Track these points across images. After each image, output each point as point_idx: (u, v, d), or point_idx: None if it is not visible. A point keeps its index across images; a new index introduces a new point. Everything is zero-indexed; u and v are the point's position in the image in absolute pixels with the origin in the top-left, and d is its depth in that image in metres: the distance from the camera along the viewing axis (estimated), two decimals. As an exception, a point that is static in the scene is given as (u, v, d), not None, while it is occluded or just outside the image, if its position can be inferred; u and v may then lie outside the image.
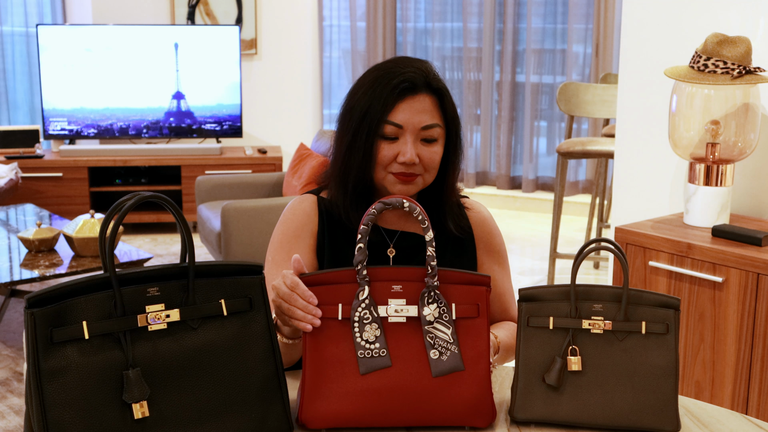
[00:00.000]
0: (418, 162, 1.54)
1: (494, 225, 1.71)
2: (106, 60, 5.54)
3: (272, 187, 4.93)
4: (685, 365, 2.44)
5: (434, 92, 1.56)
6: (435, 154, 1.56)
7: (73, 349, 1.14)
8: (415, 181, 1.56)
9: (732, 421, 1.38)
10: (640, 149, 2.95)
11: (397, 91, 1.52)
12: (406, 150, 1.52)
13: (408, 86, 1.53)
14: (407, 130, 1.53)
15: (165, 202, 1.21)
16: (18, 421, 3.10)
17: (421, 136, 1.54)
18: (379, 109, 1.52)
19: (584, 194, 6.36)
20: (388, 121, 1.53)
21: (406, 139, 1.53)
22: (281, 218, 1.65)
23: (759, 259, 2.26)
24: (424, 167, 1.56)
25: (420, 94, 1.54)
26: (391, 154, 1.54)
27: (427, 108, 1.54)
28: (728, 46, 2.37)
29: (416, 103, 1.53)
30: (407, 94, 1.53)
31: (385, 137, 1.54)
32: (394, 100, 1.52)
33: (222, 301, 1.25)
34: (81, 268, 3.58)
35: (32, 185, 5.40)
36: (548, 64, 6.46)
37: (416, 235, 1.61)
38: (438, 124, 1.55)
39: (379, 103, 1.53)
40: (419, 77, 1.54)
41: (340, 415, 1.29)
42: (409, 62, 1.57)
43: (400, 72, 1.54)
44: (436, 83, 1.56)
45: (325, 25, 6.73)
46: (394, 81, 1.53)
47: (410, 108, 1.53)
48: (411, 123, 1.53)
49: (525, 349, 1.35)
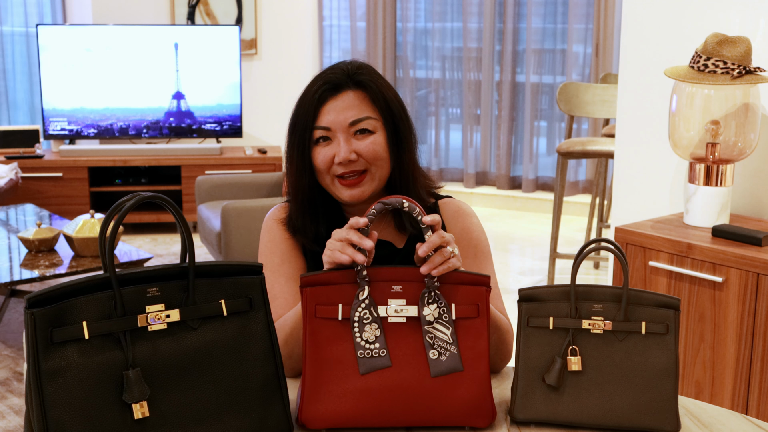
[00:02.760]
0: (355, 158, 1.54)
1: (471, 220, 1.67)
2: (106, 60, 5.54)
3: (272, 187, 4.93)
4: (685, 365, 2.44)
5: (358, 86, 1.56)
6: (374, 144, 1.56)
7: (73, 349, 1.14)
8: (363, 180, 1.56)
9: (732, 421, 1.38)
10: (640, 149, 2.95)
11: (317, 96, 1.54)
12: (339, 149, 1.54)
13: (328, 87, 1.55)
14: (337, 130, 1.54)
15: (165, 202, 1.21)
16: (18, 421, 3.10)
17: (353, 131, 1.55)
18: (304, 118, 1.55)
19: (584, 194, 6.36)
20: (316, 126, 1.55)
21: (338, 138, 1.54)
22: (265, 226, 1.66)
23: (759, 259, 2.26)
24: (367, 160, 1.55)
25: (343, 92, 1.55)
26: (327, 157, 1.55)
27: (352, 104, 1.55)
28: (728, 46, 2.37)
29: (339, 101, 1.55)
30: (328, 95, 1.55)
31: (318, 142, 1.56)
32: (317, 106, 1.55)
33: (222, 301, 1.25)
34: (81, 268, 3.58)
35: (32, 185, 5.40)
36: (548, 64, 6.46)
37: (392, 244, 1.61)
38: (368, 116, 1.56)
39: (304, 112, 1.55)
40: (339, 76, 1.56)
41: (340, 415, 1.29)
42: (332, 67, 1.59)
43: (321, 77, 1.56)
44: (358, 77, 1.56)
45: (325, 25, 6.73)
46: (314, 87, 1.56)
47: (334, 108, 1.54)
48: (337, 122, 1.54)
49: (525, 349, 1.35)
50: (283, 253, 1.61)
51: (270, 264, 1.61)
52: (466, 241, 1.64)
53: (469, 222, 1.66)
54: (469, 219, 1.67)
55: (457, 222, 1.66)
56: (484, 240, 1.67)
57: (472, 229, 1.66)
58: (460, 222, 1.66)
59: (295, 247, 1.62)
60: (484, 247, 1.66)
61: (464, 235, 1.64)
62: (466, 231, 1.65)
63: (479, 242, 1.65)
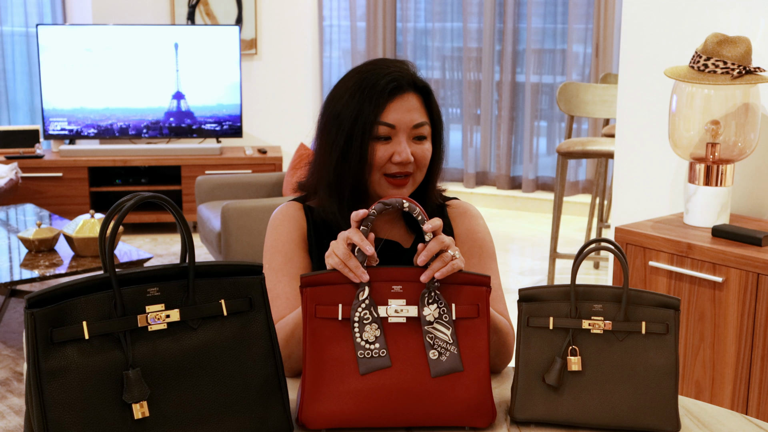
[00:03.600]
0: (412, 161, 1.55)
1: (477, 221, 1.67)
2: (106, 60, 5.54)
3: (272, 187, 4.93)
4: (685, 365, 2.44)
5: (419, 91, 1.57)
6: (427, 151, 1.57)
7: (73, 349, 1.14)
8: (407, 183, 1.57)
9: (732, 421, 1.38)
10: (640, 149, 2.95)
11: (386, 92, 1.53)
12: (401, 149, 1.53)
13: (396, 86, 1.54)
14: (400, 129, 1.54)
15: (165, 202, 1.21)
16: (18, 421, 3.10)
17: (413, 135, 1.55)
18: (370, 111, 1.53)
19: (584, 194, 6.36)
20: (381, 122, 1.53)
21: (400, 138, 1.54)
22: (270, 224, 1.65)
23: (759, 259, 2.26)
24: (417, 165, 1.56)
25: (407, 93, 1.55)
26: (386, 155, 1.54)
27: (415, 106, 1.55)
28: (728, 46, 2.37)
29: (405, 102, 1.54)
30: (396, 93, 1.54)
31: (379, 139, 1.54)
32: (385, 101, 1.53)
33: (222, 301, 1.25)
34: (81, 268, 3.58)
35: (32, 185, 5.40)
36: (548, 64, 6.46)
37: (399, 244, 1.61)
38: (426, 122, 1.57)
39: (369, 105, 1.53)
40: (405, 77, 1.55)
41: (340, 415, 1.29)
42: (391, 63, 1.58)
43: (385, 73, 1.55)
44: (420, 82, 1.57)
45: (325, 25, 6.73)
46: (382, 82, 1.54)
47: (400, 107, 1.54)
48: (403, 122, 1.54)
49: (525, 349, 1.35)
50: (287, 253, 1.61)
51: (274, 264, 1.61)
52: (471, 241, 1.65)
53: (476, 223, 1.67)
54: (476, 220, 1.67)
55: (463, 222, 1.66)
56: (490, 242, 1.67)
57: (478, 230, 1.66)
58: (466, 222, 1.66)
59: (299, 247, 1.62)
60: (490, 248, 1.66)
61: (470, 236, 1.65)
62: (472, 232, 1.65)
63: (484, 243, 1.66)
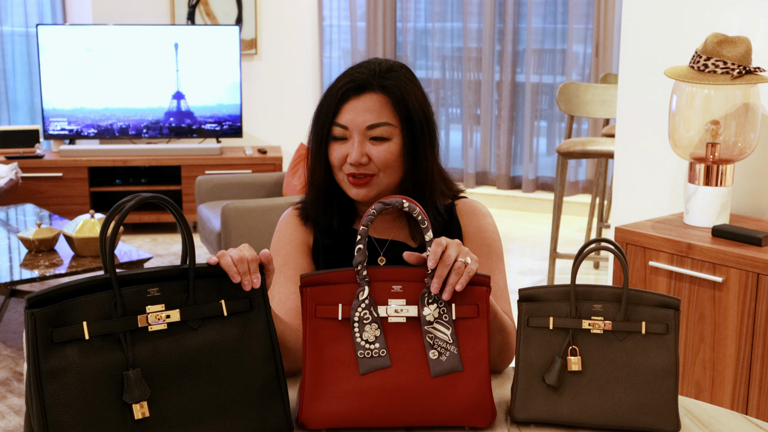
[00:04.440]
0: (366, 161, 1.55)
1: (486, 220, 1.67)
2: (106, 60, 5.54)
3: (272, 187, 4.93)
4: (685, 365, 2.44)
5: (383, 90, 1.55)
6: (386, 152, 1.55)
7: (74, 349, 1.14)
8: (370, 183, 1.56)
9: (732, 421, 1.38)
10: (640, 149, 2.95)
11: (340, 93, 1.55)
12: (352, 150, 1.54)
13: (352, 86, 1.55)
14: (353, 130, 1.55)
15: (165, 203, 1.21)
16: (18, 421, 3.10)
17: (369, 135, 1.55)
18: (326, 111, 1.56)
19: (584, 194, 6.36)
20: (335, 122, 1.55)
21: (354, 139, 1.55)
22: (276, 229, 1.68)
23: (759, 259, 2.26)
24: (377, 166, 1.56)
25: (366, 93, 1.55)
26: (341, 155, 1.56)
27: (373, 107, 1.54)
28: (728, 46, 2.37)
29: (360, 103, 1.54)
30: (351, 94, 1.55)
31: (336, 139, 1.56)
32: (339, 102, 1.55)
33: (222, 301, 1.25)
34: (81, 268, 3.58)
35: (32, 185, 5.40)
36: (548, 64, 6.46)
37: (405, 244, 1.61)
38: (386, 122, 1.55)
39: (326, 106, 1.56)
40: (366, 77, 1.55)
41: (340, 415, 1.29)
42: (363, 64, 1.59)
43: (348, 74, 1.57)
44: (385, 81, 1.55)
45: (325, 25, 6.73)
46: (340, 83, 1.56)
47: (354, 108, 1.54)
48: (355, 123, 1.54)
49: (525, 349, 1.35)
50: (287, 255, 1.62)
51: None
52: (480, 239, 1.65)
53: (484, 222, 1.67)
54: (484, 219, 1.67)
55: (472, 221, 1.66)
56: (498, 241, 1.67)
57: (486, 229, 1.66)
58: (474, 221, 1.66)
59: (300, 250, 1.63)
60: (497, 247, 1.66)
61: (478, 234, 1.65)
62: (481, 230, 1.65)
63: (492, 242, 1.66)
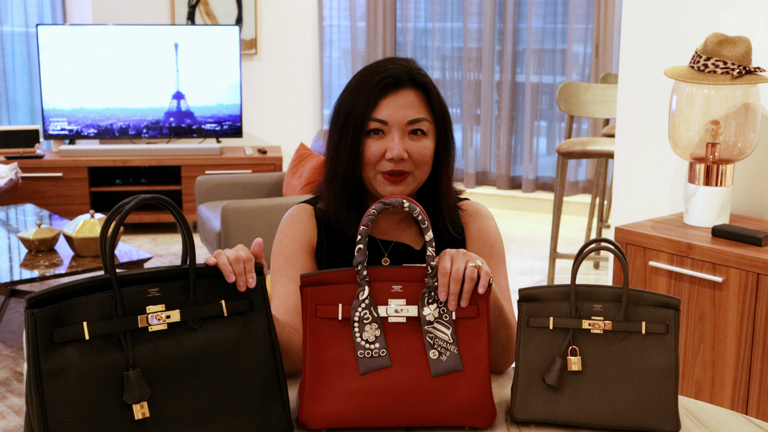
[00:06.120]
0: (406, 157, 1.53)
1: (489, 221, 1.68)
2: (106, 60, 5.54)
3: (272, 187, 4.93)
4: (685, 365, 2.44)
5: (419, 87, 1.56)
6: (424, 148, 1.55)
7: (74, 349, 1.14)
8: (405, 180, 1.55)
9: (732, 421, 1.38)
10: (640, 149, 2.95)
11: (379, 88, 1.53)
12: (393, 145, 1.52)
13: (390, 82, 1.54)
14: (393, 125, 1.53)
15: (166, 203, 1.21)
16: (18, 421, 3.10)
17: (408, 131, 1.54)
18: (362, 106, 1.53)
19: (584, 194, 6.36)
20: (373, 117, 1.53)
21: (393, 134, 1.53)
22: (280, 227, 1.66)
23: (759, 259, 2.26)
24: (414, 163, 1.55)
25: (403, 89, 1.54)
26: (378, 150, 1.53)
27: (411, 103, 1.54)
28: (728, 46, 2.37)
29: (400, 98, 1.54)
30: (390, 89, 1.54)
31: (371, 134, 1.54)
32: (377, 97, 1.53)
33: (222, 302, 1.25)
34: (81, 268, 3.58)
35: (32, 185, 5.40)
36: (548, 64, 6.46)
37: (410, 246, 1.61)
38: (425, 119, 1.55)
39: (362, 100, 1.53)
40: (402, 73, 1.55)
41: (340, 415, 1.29)
42: (394, 60, 1.58)
43: (383, 69, 1.55)
44: (420, 78, 1.56)
45: (325, 25, 6.73)
46: (377, 78, 1.54)
47: (394, 103, 1.53)
48: (396, 118, 1.53)
49: (525, 349, 1.35)
50: (288, 255, 1.61)
51: (275, 265, 1.63)
52: (482, 241, 1.65)
53: (487, 223, 1.67)
54: (487, 221, 1.68)
55: (475, 223, 1.67)
56: (500, 242, 1.68)
57: (489, 230, 1.67)
58: (477, 223, 1.67)
59: (302, 250, 1.62)
60: (499, 249, 1.67)
61: (481, 236, 1.66)
62: (483, 231, 1.66)
63: (495, 243, 1.67)
